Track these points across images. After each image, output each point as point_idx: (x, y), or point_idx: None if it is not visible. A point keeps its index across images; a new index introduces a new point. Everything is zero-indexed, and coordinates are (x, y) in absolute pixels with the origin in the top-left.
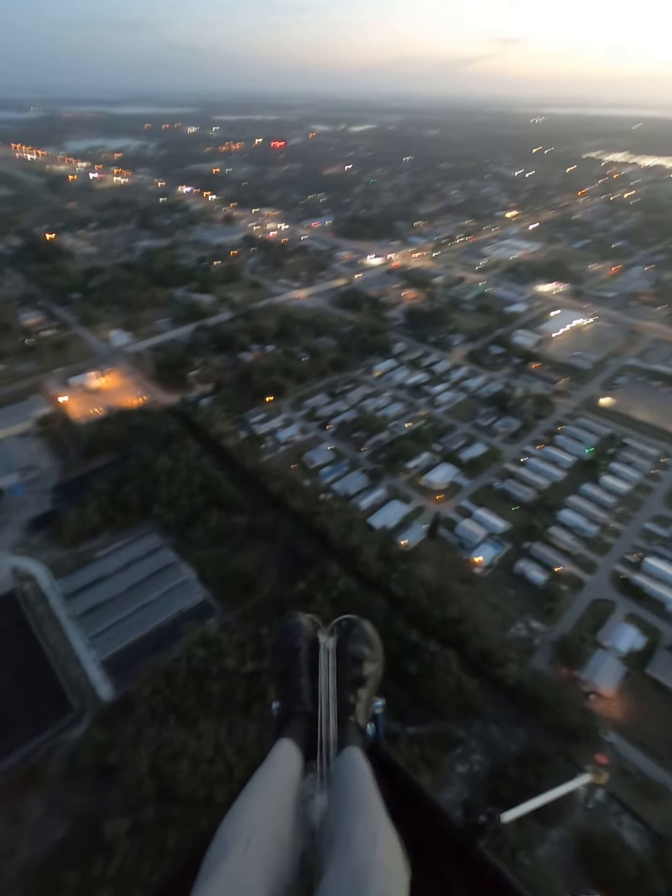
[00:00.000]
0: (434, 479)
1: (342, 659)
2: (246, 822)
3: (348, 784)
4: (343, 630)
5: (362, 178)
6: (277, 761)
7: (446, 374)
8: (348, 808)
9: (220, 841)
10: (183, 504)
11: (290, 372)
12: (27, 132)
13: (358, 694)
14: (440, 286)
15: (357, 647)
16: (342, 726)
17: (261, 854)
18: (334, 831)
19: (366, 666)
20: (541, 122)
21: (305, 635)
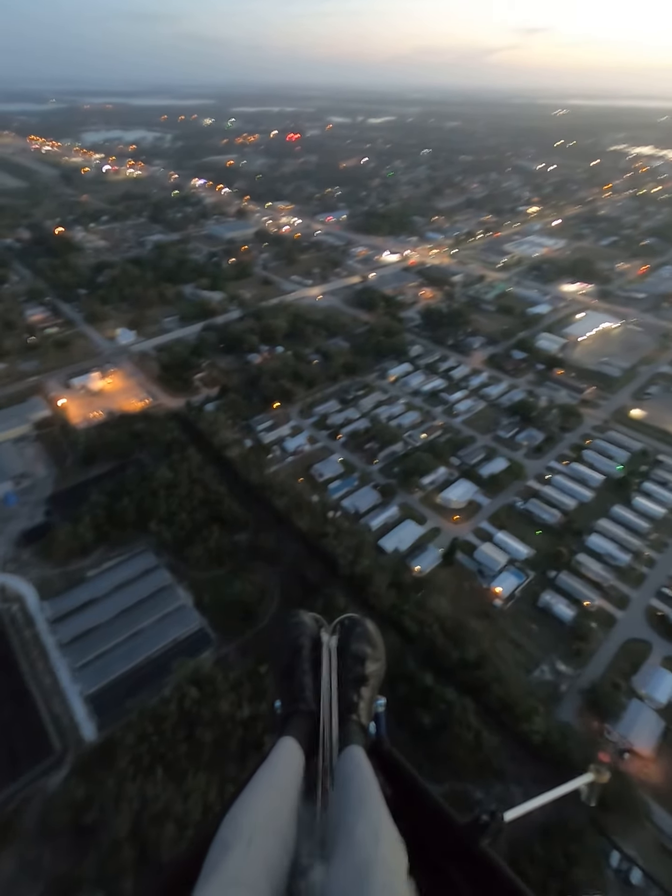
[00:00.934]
0: (451, 498)
1: (344, 657)
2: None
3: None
4: (346, 629)
5: (380, 171)
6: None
7: (465, 381)
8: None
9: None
10: (182, 520)
11: (300, 376)
12: (45, 124)
13: (360, 692)
14: (459, 285)
15: (359, 645)
16: (344, 725)
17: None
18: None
19: (368, 664)
20: (564, 113)
21: (308, 634)
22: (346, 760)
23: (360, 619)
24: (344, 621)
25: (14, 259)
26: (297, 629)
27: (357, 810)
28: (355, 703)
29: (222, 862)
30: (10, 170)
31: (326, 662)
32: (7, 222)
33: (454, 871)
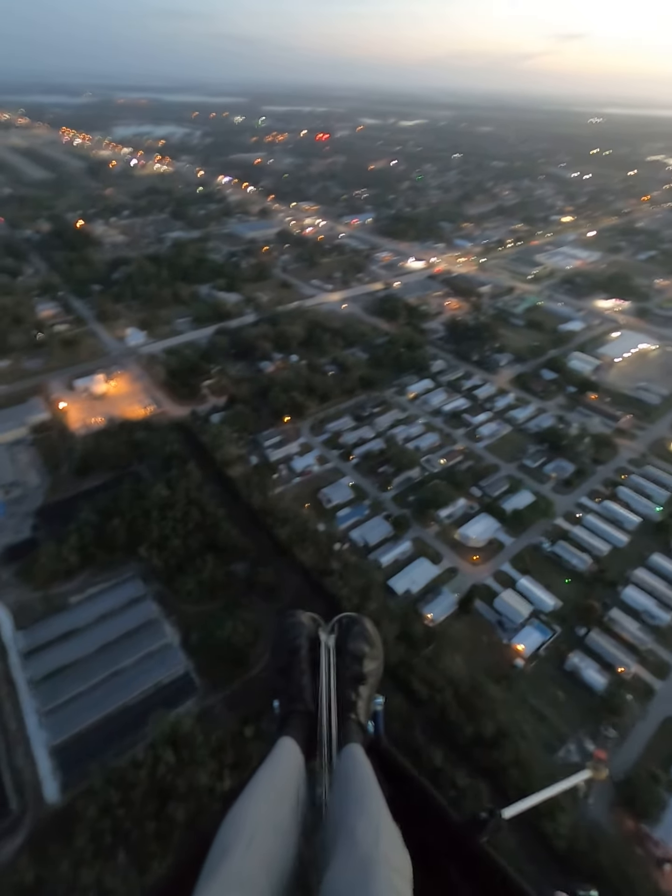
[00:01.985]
0: (470, 535)
1: (343, 656)
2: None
3: (350, 780)
4: (343, 628)
5: (409, 174)
6: (279, 759)
7: (490, 401)
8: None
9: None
10: (175, 546)
11: (313, 389)
12: (78, 117)
13: (359, 691)
14: (487, 296)
15: (357, 644)
16: (343, 723)
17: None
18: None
19: (366, 663)
20: (600, 121)
21: (306, 633)
22: (345, 759)
23: (358, 618)
24: (342, 620)
25: (31, 251)
26: (295, 629)
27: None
28: (354, 701)
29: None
30: (38, 161)
31: (324, 661)
32: (28, 213)
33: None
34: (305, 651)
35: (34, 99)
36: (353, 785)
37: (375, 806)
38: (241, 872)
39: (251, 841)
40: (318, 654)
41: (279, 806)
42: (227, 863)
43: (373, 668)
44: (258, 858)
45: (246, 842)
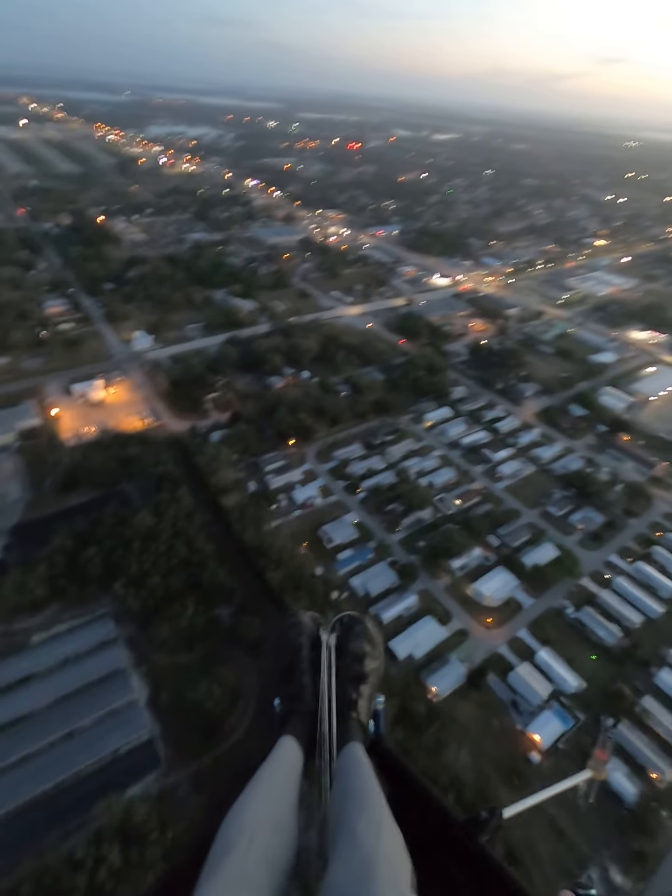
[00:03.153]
0: (485, 592)
1: (343, 656)
2: (249, 819)
3: (351, 779)
4: (345, 627)
5: (439, 187)
6: (279, 758)
7: (513, 436)
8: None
9: (224, 837)
10: (154, 583)
11: (323, 410)
12: (115, 114)
13: (360, 690)
14: (514, 319)
15: (358, 643)
16: (344, 723)
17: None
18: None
19: (367, 663)
20: (636, 145)
21: (307, 633)
22: (346, 757)
23: (360, 617)
24: (343, 619)
25: (48, 245)
26: (296, 629)
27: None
28: (354, 700)
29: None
30: (69, 154)
31: (325, 660)
32: (51, 206)
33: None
34: (306, 650)
35: (74, 95)
36: (354, 784)
37: (376, 805)
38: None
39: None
40: (319, 653)
41: (280, 804)
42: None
43: (374, 668)
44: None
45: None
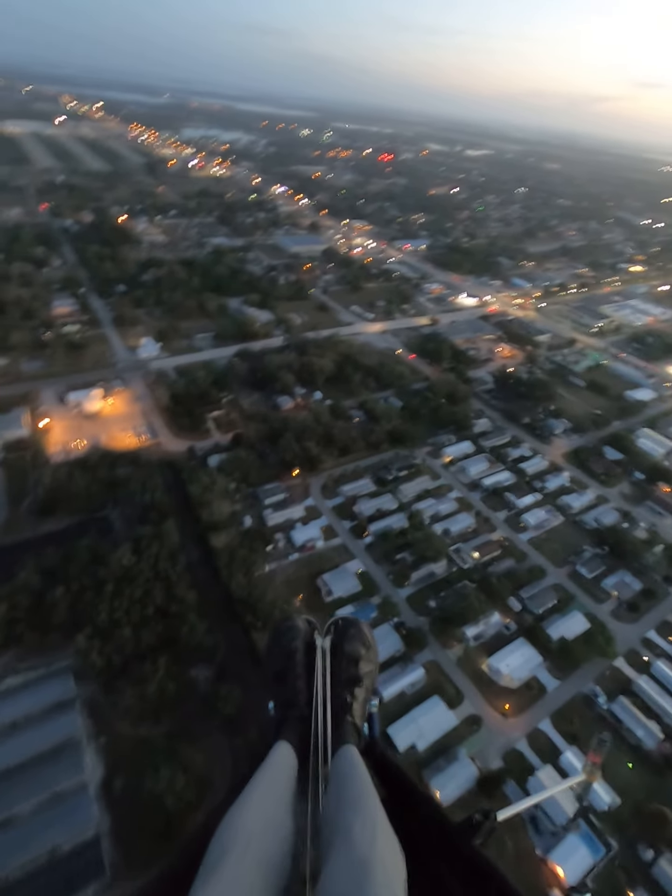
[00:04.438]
0: (503, 669)
1: (338, 658)
2: (245, 824)
3: (346, 781)
4: (339, 630)
5: (470, 203)
6: (275, 763)
7: (539, 479)
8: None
9: (220, 841)
10: (125, 636)
11: (332, 439)
12: (152, 115)
13: (354, 693)
14: (544, 347)
15: (353, 646)
16: (339, 725)
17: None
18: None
19: (362, 665)
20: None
21: (302, 637)
22: (341, 760)
23: (354, 620)
24: (337, 622)
25: (66, 242)
26: (290, 633)
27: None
28: (349, 703)
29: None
30: (100, 152)
31: (320, 664)
32: (75, 203)
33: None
34: (301, 654)
35: (115, 95)
36: (349, 786)
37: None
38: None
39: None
40: (314, 657)
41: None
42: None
43: (368, 671)
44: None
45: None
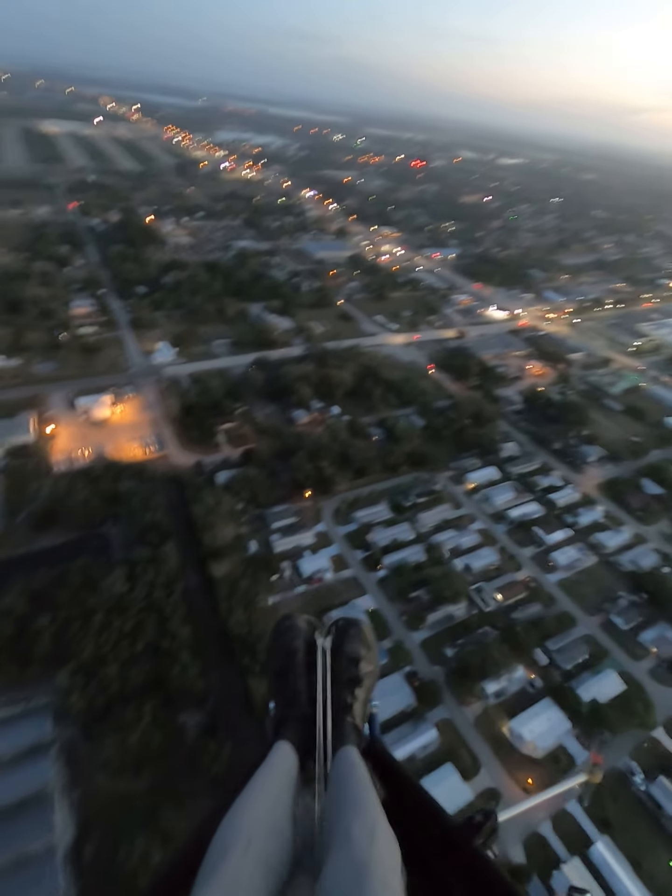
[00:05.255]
0: (526, 734)
1: (339, 659)
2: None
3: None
4: (340, 630)
5: (503, 212)
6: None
7: (571, 512)
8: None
9: (220, 841)
10: (109, 676)
11: (349, 459)
12: (188, 118)
13: (355, 693)
14: (577, 365)
15: (354, 646)
16: (339, 726)
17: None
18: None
19: (363, 666)
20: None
21: (302, 637)
22: (340, 761)
23: (355, 620)
24: (338, 622)
25: (91, 241)
26: (291, 632)
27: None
28: (350, 704)
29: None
30: (133, 153)
31: (320, 664)
32: (103, 202)
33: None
34: (302, 654)
35: (153, 97)
36: (349, 787)
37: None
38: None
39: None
40: (315, 657)
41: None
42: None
43: (369, 671)
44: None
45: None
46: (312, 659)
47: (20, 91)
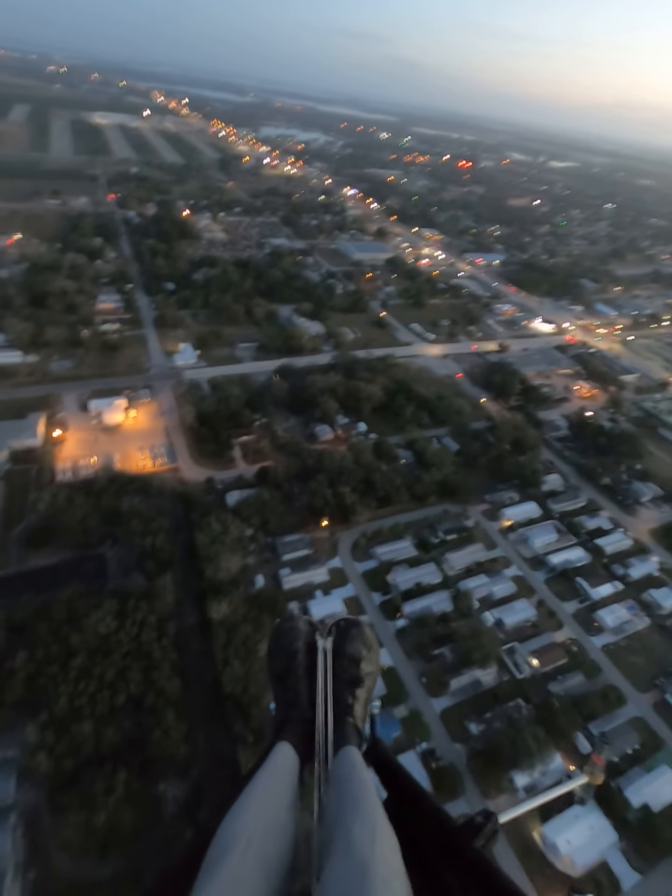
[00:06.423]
0: (562, 845)
1: (339, 659)
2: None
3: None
4: (341, 630)
5: (552, 217)
6: (275, 764)
7: (621, 562)
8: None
9: (220, 842)
10: (83, 734)
11: (372, 484)
12: (234, 113)
13: (356, 694)
14: (631, 388)
15: (355, 647)
16: (339, 727)
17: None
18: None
19: (363, 666)
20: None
21: (303, 638)
22: (341, 761)
23: (356, 621)
24: (339, 623)
25: (125, 234)
26: (291, 634)
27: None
28: (350, 704)
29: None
30: (177, 146)
31: (321, 664)
32: (142, 194)
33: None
34: (302, 655)
35: (203, 92)
36: (350, 787)
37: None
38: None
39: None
40: (315, 658)
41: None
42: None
43: (370, 671)
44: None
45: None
46: (313, 660)
47: (75, 84)
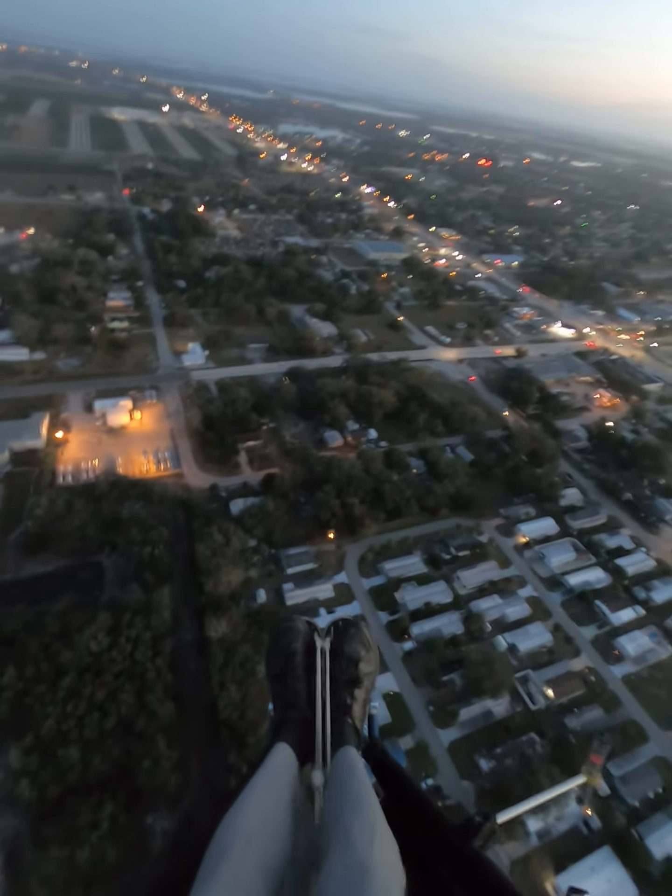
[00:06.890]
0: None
1: (338, 659)
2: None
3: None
4: (339, 631)
5: (573, 218)
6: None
7: (643, 585)
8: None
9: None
10: (69, 760)
11: (382, 496)
12: (253, 109)
13: (354, 694)
14: (654, 398)
15: (353, 647)
16: (338, 727)
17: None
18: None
19: (362, 666)
20: None
21: (302, 638)
22: (340, 762)
23: (354, 621)
24: (338, 623)
25: (139, 230)
26: (290, 634)
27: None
28: (349, 704)
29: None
30: (194, 142)
31: (320, 665)
32: (157, 191)
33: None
34: (301, 656)
35: (222, 89)
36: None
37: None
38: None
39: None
40: (314, 659)
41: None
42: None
43: (368, 672)
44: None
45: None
46: (312, 661)
47: (96, 79)
